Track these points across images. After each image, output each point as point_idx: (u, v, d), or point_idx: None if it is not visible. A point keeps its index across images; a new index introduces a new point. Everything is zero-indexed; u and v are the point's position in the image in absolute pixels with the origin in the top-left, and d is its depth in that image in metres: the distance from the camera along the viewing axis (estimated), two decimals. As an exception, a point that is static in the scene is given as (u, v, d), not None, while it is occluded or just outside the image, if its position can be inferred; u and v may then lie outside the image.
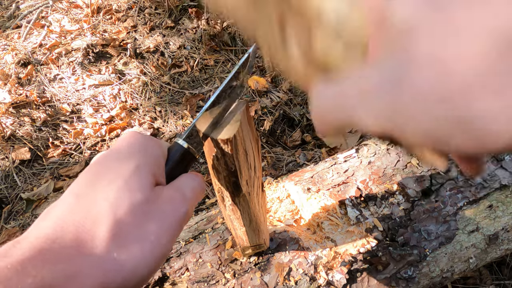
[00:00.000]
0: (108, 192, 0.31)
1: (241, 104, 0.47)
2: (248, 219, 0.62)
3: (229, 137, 0.42)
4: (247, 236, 0.67)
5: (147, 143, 0.36)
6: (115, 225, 0.30)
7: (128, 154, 0.34)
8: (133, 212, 0.31)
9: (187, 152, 0.40)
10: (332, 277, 0.73)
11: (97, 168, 0.34)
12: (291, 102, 1.96)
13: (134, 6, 2.44)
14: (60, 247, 0.28)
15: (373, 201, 0.83)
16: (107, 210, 0.30)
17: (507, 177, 0.84)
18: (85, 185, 0.33)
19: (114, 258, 0.30)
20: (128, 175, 0.33)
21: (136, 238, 0.31)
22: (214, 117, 0.43)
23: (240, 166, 0.48)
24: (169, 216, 0.34)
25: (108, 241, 0.30)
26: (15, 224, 1.54)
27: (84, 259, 0.29)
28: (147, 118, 1.92)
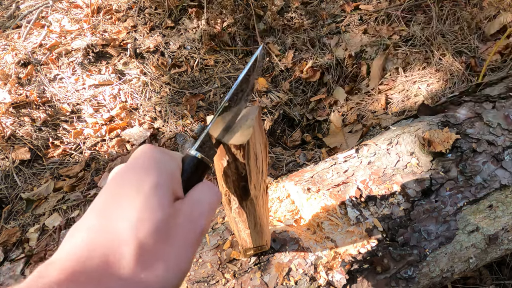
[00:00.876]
0: (129, 212, 0.32)
1: (253, 109, 0.47)
2: (253, 222, 0.62)
3: (242, 143, 0.42)
4: (251, 238, 0.67)
5: (163, 158, 0.37)
6: (139, 246, 0.31)
7: (145, 170, 0.35)
8: (156, 232, 0.32)
9: (200, 162, 0.40)
10: (332, 277, 0.73)
11: (116, 186, 0.34)
12: (291, 102, 1.96)
13: (134, 6, 2.44)
14: (90, 268, 0.29)
15: (373, 201, 0.83)
16: (130, 231, 0.31)
17: (507, 177, 0.84)
18: (107, 205, 0.33)
19: (141, 279, 0.30)
20: (147, 193, 0.33)
21: (160, 258, 0.32)
22: (226, 123, 0.43)
23: (251, 171, 0.48)
24: (189, 233, 0.34)
25: (134, 262, 0.30)
26: (15, 224, 1.54)
27: (112, 280, 0.29)
28: (147, 118, 1.92)
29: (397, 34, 2.03)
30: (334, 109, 1.91)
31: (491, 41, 1.84)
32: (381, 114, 1.79)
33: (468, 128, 0.90)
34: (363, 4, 2.24)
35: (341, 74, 2.01)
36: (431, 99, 1.72)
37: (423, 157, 0.87)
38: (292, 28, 2.22)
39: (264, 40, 2.21)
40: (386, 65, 1.96)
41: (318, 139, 1.81)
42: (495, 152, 0.86)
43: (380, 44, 2.00)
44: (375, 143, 0.95)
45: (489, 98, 0.96)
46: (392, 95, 1.85)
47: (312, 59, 2.05)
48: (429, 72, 1.83)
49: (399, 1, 2.14)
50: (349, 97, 1.94)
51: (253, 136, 0.44)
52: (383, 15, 2.10)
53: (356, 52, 2.03)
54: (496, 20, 1.84)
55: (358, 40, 2.08)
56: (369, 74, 1.97)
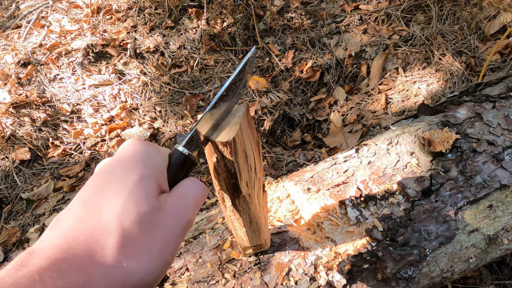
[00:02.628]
0: (115, 202, 0.32)
1: (241, 106, 0.47)
2: (249, 220, 0.62)
3: (228, 140, 0.42)
4: (247, 236, 0.67)
5: (149, 152, 0.37)
6: (123, 235, 0.31)
7: (132, 163, 0.35)
8: (140, 222, 0.32)
9: (187, 159, 0.40)
10: (332, 277, 0.73)
11: (103, 178, 0.35)
12: (291, 102, 1.96)
13: (134, 6, 2.44)
14: (73, 257, 0.29)
15: (373, 201, 0.83)
16: (115, 221, 0.31)
17: (507, 177, 0.84)
18: (92, 195, 0.34)
19: (124, 268, 0.31)
20: (133, 185, 0.33)
21: (144, 248, 0.32)
22: (215, 120, 0.43)
23: (240, 168, 0.48)
24: (174, 225, 0.35)
25: (118, 251, 0.31)
26: (15, 224, 1.54)
27: (95, 268, 0.30)
28: (147, 118, 1.92)
29: (397, 34, 2.03)
30: (334, 109, 1.91)
31: (491, 41, 1.84)
32: (381, 114, 1.79)
33: (468, 128, 0.90)
34: (363, 4, 2.24)
35: (341, 74, 2.01)
36: (431, 99, 1.72)
37: (423, 157, 0.87)
38: (292, 28, 2.22)
39: (264, 40, 2.21)
40: (386, 65, 1.96)
41: (318, 139, 1.81)
42: (495, 152, 0.86)
43: (380, 44, 2.00)
44: (375, 143, 0.95)
45: (489, 98, 0.96)
46: (392, 95, 1.85)
47: (312, 59, 2.05)
48: (429, 72, 1.83)
49: (399, 1, 2.14)
50: (349, 97, 1.94)
51: (239, 133, 0.44)
52: (383, 15, 2.10)
53: (356, 52, 2.03)
54: (496, 20, 1.84)
55: (358, 40, 2.08)
56: (369, 74, 1.97)
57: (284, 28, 2.23)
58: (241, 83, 0.47)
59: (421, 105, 1.04)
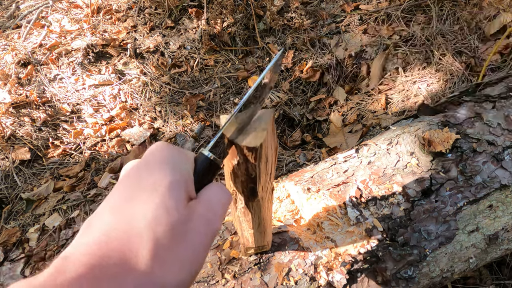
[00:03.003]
0: (146, 210, 0.32)
1: (268, 112, 0.47)
2: (258, 222, 0.62)
3: (255, 145, 0.42)
4: (254, 237, 0.67)
5: (177, 157, 0.37)
6: (156, 244, 0.31)
7: (161, 169, 0.35)
8: (171, 231, 0.32)
9: (212, 163, 0.40)
10: (332, 277, 0.73)
11: (132, 183, 0.34)
12: (291, 102, 1.96)
13: (134, 6, 2.44)
14: (107, 264, 0.29)
15: (373, 201, 0.83)
16: (147, 229, 0.31)
17: (507, 177, 0.84)
18: (122, 201, 0.33)
19: (157, 277, 0.30)
20: (163, 192, 0.33)
21: (175, 257, 0.32)
22: (240, 123, 0.43)
23: (261, 173, 0.48)
24: (203, 234, 0.34)
25: (151, 260, 0.30)
26: (15, 224, 1.54)
27: (129, 276, 0.29)
28: (147, 118, 1.92)
29: (397, 34, 2.03)
30: (334, 109, 1.91)
31: (491, 41, 1.84)
32: (381, 114, 1.79)
33: (468, 128, 0.90)
34: (363, 4, 2.24)
35: (341, 74, 2.01)
36: (431, 99, 1.72)
37: (423, 157, 0.87)
38: (292, 28, 2.22)
39: (264, 40, 2.21)
40: (386, 65, 1.96)
41: (318, 139, 1.81)
42: (495, 152, 0.86)
43: (380, 44, 2.00)
44: (375, 143, 0.95)
45: (489, 98, 0.96)
46: (392, 95, 1.85)
47: (312, 59, 2.05)
48: (429, 72, 1.83)
49: (399, 1, 2.14)
50: (349, 97, 1.94)
51: (266, 139, 0.44)
52: (383, 15, 2.10)
53: (356, 52, 2.03)
54: (496, 20, 1.84)
55: (358, 40, 2.08)
56: (369, 74, 1.97)
57: (284, 28, 2.23)
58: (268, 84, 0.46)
59: (421, 105, 1.04)
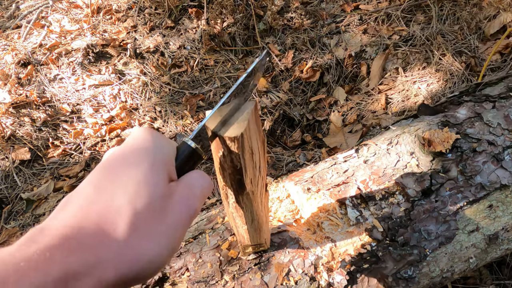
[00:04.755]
0: (128, 186, 0.33)
1: (250, 103, 0.48)
2: (251, 218, 0.62)
3: (236, 135, 0.43)
4: (249, 234, 0.67)
5: (160, 141, 0.38)
6: (136, 218, 0.32)
7: (144, 150, 0.36)
8: (152, 206, 0.33)
9: (194, 152, 0.41)
10: (332, 279, 0.73)
11: (115, 163, 0.36)
12: (291, 102, 1.96)
13: (134, 6, 2.44)
14: (84, 236, 0.30)
15: (373, 201, 0.83)
16: (127, 203, 0.32)
17: (507, 177, 0.84)
18: (104, 178, 0.34)
19: (134, 249, 0.31)
20: (145, 170, 0.34)
21: (154, 231, 0.33)
22: (224, 116, 0.44)
23: (246, 164, 0.49)
24: (182, 213, 0.36)
25: (129, 232, 0.31)
26: (15, 224, 1.54)
27: (106, 248, 0.30)
28: (147, 118, 1.92)
29: (397, 34, 2.03)
30: (334, 109, 1.91)
31: (491, 41, 1.84)
32: (381, 114, 1.79)
33: (468, 128, 0.90)
34: (363, 4, 2.24)
35: (341, 74, 2.01)
36: (431, 99, 1.72)
37: (423, 157, 0.87)
38: (292, 28, 2.22)
39: (264, 40, 2.21)
40: (386, 65, 1.96)
41: (318, 139, 1.81)
42: (495, 152, 0.86)
43: (380, 44, 2.00)
44: (375, 143, 0.95)
45: (489, 98, 0.96)
46: (392, 95, 1.85)
47: (312, 59, 2.05)
48: (429, 72, 1.83)
49: (399, 1, 2.14)
50: (349, 97, 1.94)
51: (247, 130, 0.45)
52: (383, 15, 2.10)
53: (356, 52, 2.03)
54: (496, 20, 1.84)
55: (358, 40, 2.08)
56: (369, 74, 1.97)
57: (284, 28, 2.23)
58: (252, 81, 0.47)
59: (421, 105, 1.04)
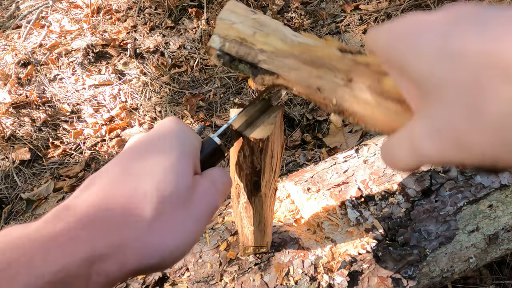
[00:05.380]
0: (155, 171, 0.33)
1: (276, 108, 0.49)
2: (258, 219, 0.63)
3: (262, 137, 0.44)
4: (253, 235, 0.67)
5: (188, 132, 0.38)
6: (161, 204, 0.31)
7: (173, 139, 0.36)
8: (177, 195, 0.33)
9: (218, 149, 0.42)
10: (333, 280, 0.73)
11: (144, 146, 0.35)
12: (291, 102, 1.96)
13: (134, 6, 2.44)
14: (110, 217, 0.29)
15: (373, 201, 0.83)
16: (154, 188, 0.32)
17: (507, 177, 0.84)
18: (131, 160, 0.34)
19: (157, 236, 0.31)
20: (174, 159, 0.34)
21: (178, 221, 0.32)
22: (249, 117, 0.45)
23: (265, 167, 0.50)
24: (205, 205, 0.35)
25: (154, 218, 0.31)
26: (15, 224, 1.54)
27: (131, 232, 0.30)
28: (147, 118, 1.92)
29: (397, 34, 2.03)
30: (334, 109, 1.91)
31: (491, 41, 1.83)
32: (381, 114, 1.79)
33: (468, 128, 0.90)
34: (363, 4, 2.24)
35: (341, 74, 2.01)
36: (431, 99, 1.72)
37: (423, 157, 0.87)
38: (292, 28, 2.22)
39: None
40: (386, 65, 1.96)
41: (318, 139, 1.81)
42: (495, 152, 0.86)
43: (380, 44, 2.00)
44: (375, 143, 0.95)
45: (489, 98, 0.96)
46: (392, 95, 1.85)
47: (312, 59, 2.04)
48: (429, 72, 1.83)
49: (399, 1, 2.14)
50: (349, 97, 1.94)
51: (273, 133, 0.45)
52: (383, 15, 2.10)
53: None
54: (496, 20, 1.84)
55: (358, 40, 2.08)
56: (369, 74, 1.96)
57: (284, 28, 2.23)
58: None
59: (421, 105, 1.04)
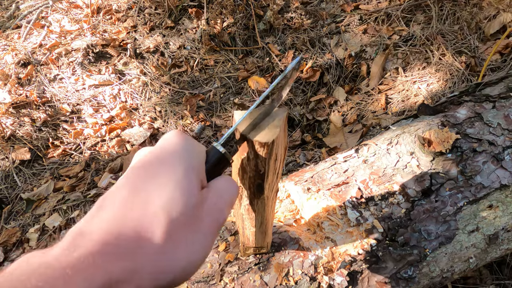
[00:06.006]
0: (162, 191, 0.33)
1: (281, 110, 0.48)
2: (260, 221, 0.62)
3: (267, 141, 0.43)
4: (254, 237, 0.67)
5: (193, 145, 0.38)
6: (171, 225, 0.32)
7: (178, 154, 0.36)
8: (186, 214, 0.33)
9: (223, 157, 0.41)
10: (333, 280, 0.73)
11: (150, 165, 0.35)
12: (291, 102, 1.96)
13: (134, 6, 2.44)
14: (123, 242, 0.30)
15: (373, 201, 0.83)
16: (163, 209, 0.32)
17: (507, 177, 0.84)
18: (139, 180, 0.34)
19: (169, 257, 0.31)
20: (180, 177, 0.34)
21: (188, 239, 0.33)
22: (254, 120, 0.45)
23: (269, 170, 0.49)
24: (213, 221, 0.35)
25: (165, 240, 0.31)
26: (15, 224, 1.54)
27: (144, 255, 0.30)
28: (147, 118, 1.92)
29: (397, 34, 2.03)
30: (334, 109, 1.91)
31: (491, 41, 1.84)
32: (381, 114, 1.79)
33: (468, 128, 0.90)
34: (363, 4, 2.24)
35: (341, 74, 2.01)
36: (431, 99, 1.72)
37: (423, 157, 0.87)
38: (292, 28, 2.22)
39: (264, 40, 2.21)
40: (386, 65, 1.96)
41: (318, 139, 1.81)
42: (495, 152, 0.86)
43: (380, 44, 2.00)
44: (375, 143, 0.95)
45: (489, 98, 0.96)
46: (392, 95, 1.85)
47: (312, 59, 2.05)
48: (429, 72, 1.83)
49: (399, 1, 2.14)
50: (349, 97, 1.94)
51: (278, 137, 0.45)
52: (383, 15, 2.10)
53: (356, 52, 2.03)
54: (496, 20, 1.84)
55: (358, 40, 2.08)
56: (369, 74, 1.97)
57: (284, 28, 2.23)
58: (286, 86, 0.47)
59: (421, 105, 1.04)
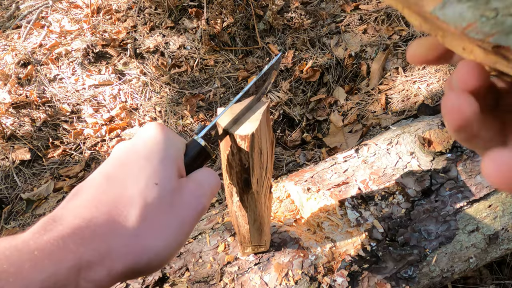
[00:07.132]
0: (139, 178, 0.34)
1: (262, 103, 0.48)
2: (253, 218, 0.62)
3: (247, 133, 0.44)
4: (250, 234, 0.67)
5: (171, 136, 0.39)
6: (145, 209, 0.32)
7: (155, 144, 0.37)
8: (161, 199, 0.34)
9: (203, 150, 0.41)
10: (333, 281, 0.73)
11: (127, 155, 0.36)
12: (291, 102, 1.96)
13: (134, 6, 2.44)
14: (96, 226, 0.30)
15: (373, 201, 0.83)
16: (138, 195, 0.33)
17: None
18: (115, 169, 0.35)
19: (142, 241, 0.32)
20: (157, 164, 0.35)
21: (162, 224, 0.33)
22: (236, 114, 0.45)
23: (254, 164, 0.49)
24: (190, 208, 0.36)
25: (139, 224, 0.32)
26: (15, 225, 1.54)
27: (116, 238, 0.31)
28: (147, 118, 1.92)
29: (397, 34, 2.03)
30: (334, 109, 1.91)
31: (491, 41, 1.83)
32: (381, 114, 1.79)
33: (468, 128, 0.90)
34: (363, 4, 2.23)
35: (341, 74, 2.01)
36: (431, 99, 1.72)
37: (423, 157, 0.87)
38: (292, 28, 2.22)
39: (264, 40, 2.21)
40: (386, 65, 1.96)
41: (318, 139, 1.81)
42: (495, 152, 0.86)
43: (380, 44, 2.00)
44: (375, 143, 0.95)
45: (489, 98, 0.96)
46: (392, 95, 1.85)
47: (312, 59, 2.04)
48: (429, 72, 1.83)
49: (399, 1, 2.14)
50: (349, 97, 1.94)
51: (258, 129, 0.45)
52: (383, 15, 2.09)
53: (356, 52, 2.03)
54: (496, 20, 1.84)
55: (358, 40, 2.08)
56: (369, 74, 1.97)
57: (284, 28, 2.23)
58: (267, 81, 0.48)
59: (421, 105, 1.04)
